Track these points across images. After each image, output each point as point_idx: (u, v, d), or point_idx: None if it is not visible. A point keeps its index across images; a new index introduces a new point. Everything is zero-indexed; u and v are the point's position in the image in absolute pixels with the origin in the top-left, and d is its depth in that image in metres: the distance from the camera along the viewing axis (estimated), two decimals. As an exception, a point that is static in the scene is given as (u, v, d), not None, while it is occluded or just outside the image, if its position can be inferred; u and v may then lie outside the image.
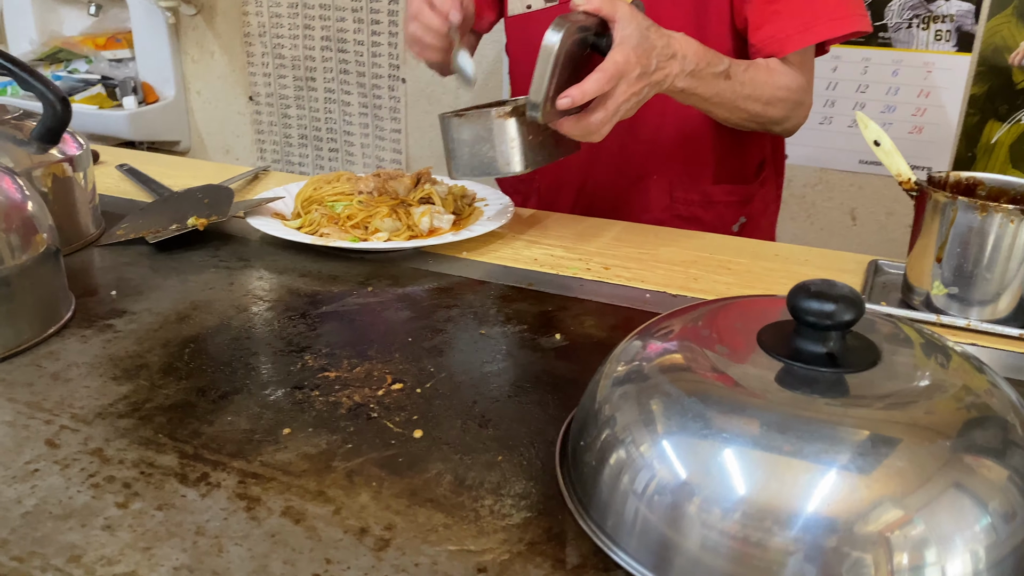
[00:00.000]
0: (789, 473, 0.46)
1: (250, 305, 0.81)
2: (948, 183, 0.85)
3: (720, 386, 0.51)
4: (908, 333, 0.57)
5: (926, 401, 0.50)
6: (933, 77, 1.76)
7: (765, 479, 0.47)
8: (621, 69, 0.83)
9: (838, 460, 0.46)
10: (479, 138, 0.89)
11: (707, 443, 0.48)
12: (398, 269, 0.92)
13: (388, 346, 0.73)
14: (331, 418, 0.62)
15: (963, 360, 0.54)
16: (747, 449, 0.47)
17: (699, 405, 0.49)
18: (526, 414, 0.63)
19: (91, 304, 0.81)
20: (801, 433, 0.47)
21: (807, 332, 0.51)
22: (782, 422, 0.48)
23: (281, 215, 1.04)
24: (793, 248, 1.01)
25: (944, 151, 1.79)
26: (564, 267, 0.94)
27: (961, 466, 0.47)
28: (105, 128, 2.54)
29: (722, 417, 0.49)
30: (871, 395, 0.50)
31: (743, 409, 0.49)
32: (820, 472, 0.46)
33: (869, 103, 1.82)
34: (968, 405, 0.51)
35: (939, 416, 0.49)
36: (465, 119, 0.89)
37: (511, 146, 0.88)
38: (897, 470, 0.46)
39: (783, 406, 0.49)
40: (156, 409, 0.63)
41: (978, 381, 0.53)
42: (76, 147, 0.98)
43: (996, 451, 0.48)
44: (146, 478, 0.55)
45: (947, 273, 0.79)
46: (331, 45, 2.40)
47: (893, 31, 1.76)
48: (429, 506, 0.52)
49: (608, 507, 0.51)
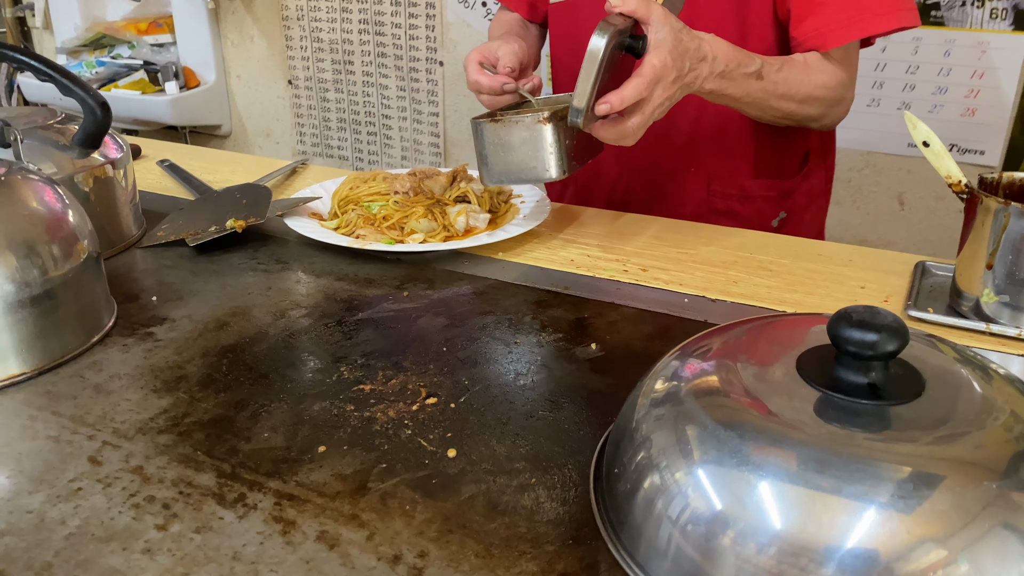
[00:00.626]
0: (827, 510, 0.45)
1: (287, 311, 0.82)
2: (1001, 184, 0.82)
3: (758, 416, 0.50)
4: (952, 357, 0.55)
5: (971, 434, 0.48)
6: (988, 57, 1.69)
7: (802, 515, 0.46)
8: (659, 74, 0.81)
9: (878, 498, 0.45)
10: (516, 144, 0.87)
11: (743, 475, 0.48)
12: (434, 272, 0.92)
13: (423, 356, 0.73)
14: (366, 435, 0.62)
15: (1009, 385, 0.53)
16: (784, 483, 0.46)
17: (735, 435, 0.48)
18: (560, 432, 0.63)
19: (133, 310, 0.82)
20: (840, 469, 0.46)
21: (848, 362, 0.50)
22: (821, 457, 0.47)
23: (318, 215, 1.05)
24: (837, 247, 0.99)
25: (998, 135, 1.73)
26: (601, 269, 0.93)
27: (1007, 504, 0.46)
28: (147, 113, 2.58)
29: (759, 449, 0.48)
30: (914, 428, 0.48)
31: (781, 442, 0.48)
32: (859, 510, 0.45)
33: (919, 84, 1.77)
34: (1014, 436, 0.49)
35: (984, 450, 0.47)
36: (502, 124, 0.88)
37: (549, 152, 0.87)
38: (940, 509, 0.45)
39: (822, 440, 0.48)
40: (195, 424, 0.64)
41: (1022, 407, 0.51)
42: (117, 149, 0.99)
43: (1046, 487, 0.47)
44: (185, 498, 0.56)
45: (998, 280, 0.77)
46: (368, 28, 2.39)
47: (946, 9, 1.70)
48: (462, 533, 0.52)
49: (640, 534, 0.50)
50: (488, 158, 0.89)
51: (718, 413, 0.50)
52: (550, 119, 0.86)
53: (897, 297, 0.85)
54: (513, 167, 0.88)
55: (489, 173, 0.91)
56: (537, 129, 0.86)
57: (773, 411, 0.50)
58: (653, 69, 0.81)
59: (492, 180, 0.91)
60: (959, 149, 1.76)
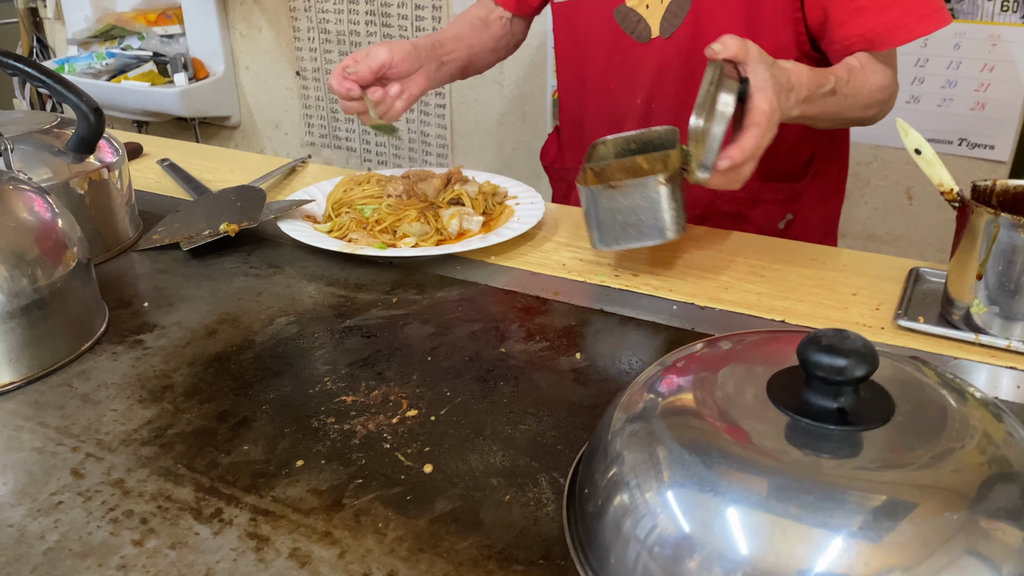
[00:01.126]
0: (793, 537, 0.45)
1: (276, 319, 0.82)
2: (994, 192, 0.81)
3: (726, 440, 0.50)
4: (925, 379, 0.54)
5: (939, 461, 0.48)
6: (998, 50, 1.67)
7: (768, 542, 0.46)
8: (770, 118, 0.80)
9: (844, 526, 0.45)
10: (634, 208, 0.83)
11: (710, 499, 0.48)
12: (424, 276, 0.92)
13: (407, 366, 0.74)
14: (344, 449, 0.62)
15: (982, 409, 0.52)
16: (750, 509, 0.46)
17: (702, 459, 0.48)
18: (538, 446, 0.63)
19: (124, 316, 0.83)
20: (807, 496, 0.46)
21: (817, 386, 0.50)
22: (788, 483, 0.47)
23: (313, 217, 1.05)
24: (832, 251, 0.98)
25: (1009, 129, 1.70)
26: (592, 274, 0.93)
27: (974, 531, 0.45)
28: (157, 105, 2.59)
29: (726, 474, 0.48)
30: (883, 454, 0.48)
31: (748, 467, 0.48)
32: (825, 538, 0.45)
33: (928, 78, 1.74)
34: (984, 462, 0.49)
35: (952, 477, 0.47)
36: (619, 190, 0.83)
37: (669, 212, 0.83)
38: (907, 537, 0.45)
39: (788, 466, 0.48)
40: (177, 436, 0.64)
41: (996, 432, 0.50)
42: (112, 152, 1.00)
43: (1012, 511, 0.47)
44: (163, 513, 0.56)
45: (988, 290, 0.76)
46: (375, 20, 2.39)
47: (956, 1, 1.67)
48: (432, 552, 0.52)
49: (608, 555, 0.51)
50: (603, 223, 0.85)
51: (686, 435, 0.50)
52: (669, 180, 0.83)
53: (889, 305, 0.85)
54: (631, 231, 0.84)
55: (604, 239, 0.86)
56: (657, 191, 0.82)
57: (741, 435, 0.50)
58: (765, 115, 0.79)
59: (606, 245, 0.87)
60: (968, 144, 1.74)
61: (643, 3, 1.09)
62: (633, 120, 1.16)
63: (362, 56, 1.05)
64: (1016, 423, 0.52)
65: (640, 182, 0.83)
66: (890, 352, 0.57)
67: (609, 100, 1.18)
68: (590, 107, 1.21)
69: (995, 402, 0.54)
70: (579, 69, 1.20)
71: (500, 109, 2.34)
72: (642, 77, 1.13)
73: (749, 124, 0.80)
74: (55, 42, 3.04)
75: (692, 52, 1.08)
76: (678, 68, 1.10)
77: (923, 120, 1.76)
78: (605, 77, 1.17)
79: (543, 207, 1.06)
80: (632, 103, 1.15)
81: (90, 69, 2.68)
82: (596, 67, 1.17)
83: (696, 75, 1.10)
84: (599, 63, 1.17)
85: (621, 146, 0.98)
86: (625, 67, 1.14)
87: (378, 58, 1.04)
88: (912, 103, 1.76)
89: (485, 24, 1.25)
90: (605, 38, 1.14)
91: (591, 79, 1.19)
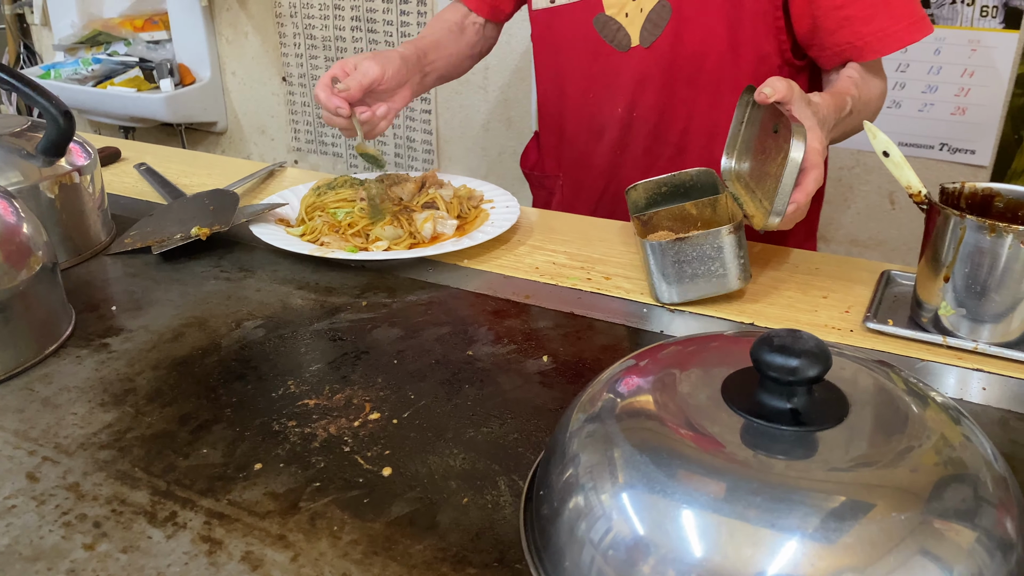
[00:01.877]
0: (746, 539, 0.45)
1: (243, 322, 0.82)
2: (963, 195, 0.81)
3: (680, 441, 0.49)
4: (882, 380, 0.54)
5: (893, 462, 0.48)
6: (978, 55, 1.67)
7: (721, 544, 0.46)
8: (821, 155, 0.80)
9: (796, 527, 0.44)
10: (705, 257, 0.82)
11: (663, 501, 0.47)
12: (396, 280, 0.92)
13: (372, 369, 0.73)
14: (303, 452, 0.62)
15: (938, 411, 0.52)
16: (704, 512, 0.46)
17: (656, 461, 0.48)
18: (500, 449, 0.63)
19: (91, 320, 0.83)
20: (759, 497, 0.46)
21: (771, 386, 0.50)
22: (741, 485, 0.46)
23: (286, 221, 1.05)
24: (804, 255, 0.98)
25: (989, 134, 1.71)
26: (564, 277, 0.93)
27: (927, 531, 0.45)
28: (143, 111, 2.58)
29: (679, 476, 0.47)
30: (835, 455, 0.48)
31: (701, 469, 0.48)
32: (778, 540, 0.45)
33: (909, 83, 1.75)
34: (937, 463, 0.49)
35: (906, 477, 0.47)
36: (688, 243, 0.81)
37: (737, 262, 0.82)
38: (859, 538, 0.44)
39: (740, 467, 0.47)
40: (136, 440, 0.64)
41: (951, 433, 0.50)
42: (84, 156, 0.99)
43: (964, 512, 0.47)
44: (116, 516, 0.56)
45: (956, 293, 0.76)
46: (361, 25, 2.39)
47: (935, 7, 1.68)
48: (386, 555, 0.52)
49: (563, 557, 0.50)
50: (669, 276, 0.83)
51: (640, 437, 0.50)
52: (736, 230, 0.81)
53: (859, 308, 0.85)
54: (700, 282, 0.83)
55: (670, 292, 0.84)
56: (726, 240, 0.81)
57: (695, 437, 0.50)
58: (819, 154, 0.80)
59: (675, 298, 0.85)
60: (949, 148, 1.75)
61: (622, 11, 1.09)
62: (614, 128, 1.16)
63: (351, 69, 1.03)
64: (972, 424, 0.52)
65: (710, 234, 0.81)
66: (849, 354, 0.57)
67: (589, 108, 1.18)
68: (570, 114, 1.21)
69: (953, 404, 0.54)
70: (558, 77, 1.20)
71: (485, 114, 2.34)
72: (622, 86, 1.13)
73: (807, 166, 0.79)
74: (42, 48, 3.03)
75: (673, 61, 1.09)
76: (659, 77, 1.10)
77: (904, 125, 1.77)
78: (585, 85, 1.17)
79: (518, 211, 1.05)
80: (613, 111, 1.15)
81: (76, 75, 2.67)
82: (576, 75, 1.17)
83: (677, 84, 1.10)
84: (579, 71, 1.17)
85: (652, 190, 0.96)
86: (605, 76, 1.14)
87: (369, 75, 1.02)
88: (893, 108, 1.77)
89: (461, 30, 1.25)
90: (585, 46, 1.14)
91: (570, 87, 1.19)
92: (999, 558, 0.46)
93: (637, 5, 1.08)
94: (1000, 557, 0.46)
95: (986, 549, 0.46)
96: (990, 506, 0.48)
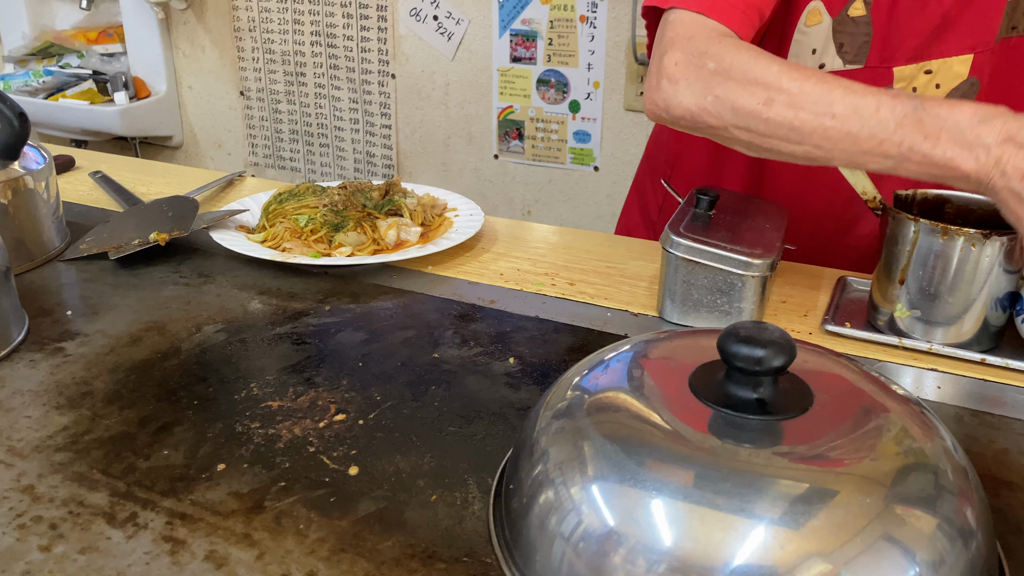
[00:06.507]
0: (715, 526, 0.46)
1: (203, 326, 0.81)
2: (915, 200, 0.84)
3: (650, 432, 0.50)
4: (844, 372, 0.55)
5: (855, 450, 0.49)
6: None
7: (691, 531, 0.46)
8: None
9: (763, 514, 0.45)
10: (716, 290, 0.81)
11: (633, 492, 0.48)
12: (359, 285, 0.91)
13: (337, 372, 0.72)
14: (268, 453, 0.61)
15: (898, 402, 0.53)
16: (674, 500, 0.47)
17: (625, 452, 0.48)
18: (468, 447, 0.62)
19: (45, 325, 0.80)
20: (728, 485, 0.46)
21: (737, 377, 0.50)
22: (709, 473, 0.47)
23: (247, 228, 1.03)
24: (763, 262, 0.99)
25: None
26: (529, 283, 0.93)
27: (890, 517, 0.46)
28: (96, 124, 2.54)
29: (648, 466, 0.48)
30: (801, 443, 0.49)
31: (669, 458, 0.48)
32: (746, 526, 0.45)
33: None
34: (899, 452, 0.50)
35: (868, 465, 0.48)
36: (704, 269, 0.81)
37: (751, 305, 0.81)
38: (824, 523, 0.45)
39: (711, 456, 0.48)
40: (94, 442, 0.62)
41: (912, 424, 0.52)
42: (38, 161, 0.97)
43: (926, 500, 0.48)
44: (74, 518, 0.54)
45: (910, 295, 0.78)
46: (321, 40, 2.38)
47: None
48: (354, 552, 0.51)
49: (533, 551, 0.50)
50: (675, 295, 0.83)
51: (609, 429, 0.50)
52: (761, 277, 0.80)
53: (817, 312, 0.86)
54: (703, 312, 0.83)
55: (672, 310, 0.83)
56: (742, 281, 0.80)
57: (664, 427, 0.50)
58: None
59: (674, 317, 0.84)
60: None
61: (911, 86, 0.95)
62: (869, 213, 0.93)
63: None
64: (933, 416, 0.54)
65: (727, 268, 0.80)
66: (813, 347, 0.58)
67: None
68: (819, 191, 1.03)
69: (913, 396, 0.55)
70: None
71: (446, 130, 2.35)
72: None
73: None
74: (-9, 59, 2.97)
75: None
76: None
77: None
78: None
79: (482, 219, 1.06)
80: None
81: (27, 87, 2.62)
82: None
83: None
84: None
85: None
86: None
87: None
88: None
89: None
90: None
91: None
92: (959, 544, 0.47)
93: (931, 80, 0.94)
94: (961, 544, 0.47)
95: (947, 536, 0.47)
96: (951, 494, 0.49)
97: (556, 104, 2.22)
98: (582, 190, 2.31)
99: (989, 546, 0.49)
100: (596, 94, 2.18)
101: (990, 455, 0.64)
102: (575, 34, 2.12)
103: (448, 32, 2.23)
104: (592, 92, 2.18)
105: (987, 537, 0.49)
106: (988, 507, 0.50)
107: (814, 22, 0.92)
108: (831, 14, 0.91)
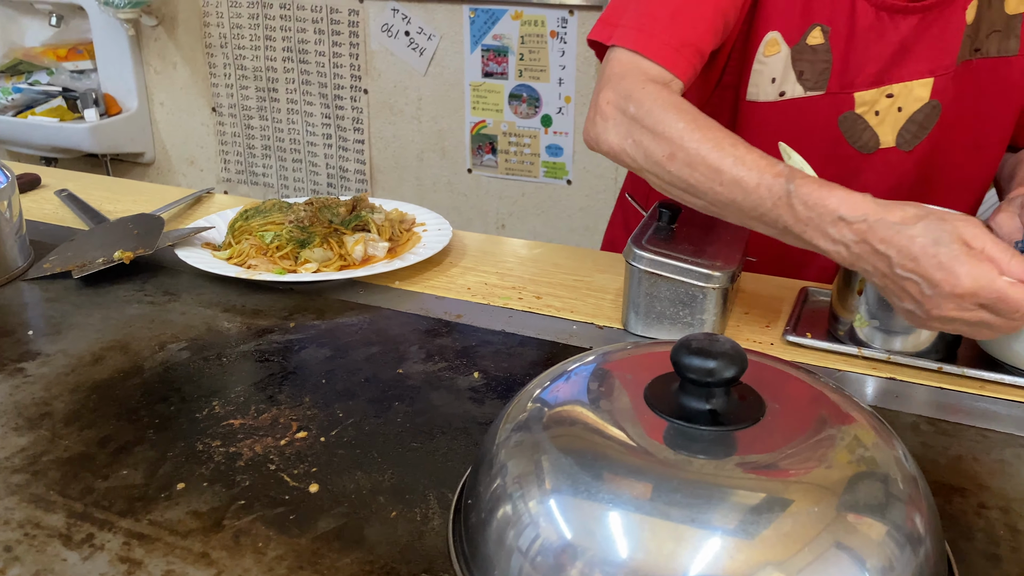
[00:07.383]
0: (669, 537, 0.46)
1: (167, 344, 0.80)
2: (872, 212, 0.85)
3: (605, 445, 0.50)
4: (797, 382, 0.56)
5: (807, 459, 0.49)
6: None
7: (645, 543, 0.47)
8: None
9: (717, 524, 0.46)
10: (678, 302, 0.82)
11: (588, 505, 0.48)
12: (325, 302, 0.91)
13: (300, 389, 0.72)
14: (228, 471, 0.61)
15: (850, 411, 0.54)
16: (628, 512, 0.47)
17: (581, 465, 0.49)
18: (429, 463, 0.62)
19: (5, 345, 0.80)
20: (681, 496, 0.47)
21: (690, 388, 0.51)
22: (663, 485, 0.47)
23: (212, 245, 1.03)
24: (728, 274, 1.00)
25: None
26: (496, 297, 0.93)
27: (840, 525, 0.47)
28: (66, 141, 2.52)
29: (602, 479, 0.48)
30: (754, 453, 0.49)
31: (622, 470, 0.48)
32: (700, 537, 0.46)
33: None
34: (851, 460, 0.51)
35: (819, 474, 0.49)
36: (667, 281, 0.82)
37: (711, 318, 0.82)
38: (776, 532, 0.46)
39: (665, 467, 0.48)
40: (52, 463, 0.62)
41: (863, 433, 0.52)
42: (0, 179, 0.96)
43: (876, 508, 0.48)
44: (29, 540, 0.54)
45: (869, 305, 0.79)
46: (292, 56, 2.39)
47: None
48: (312, 570, 0.51)
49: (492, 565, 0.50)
50: (639, 307, 0.83)
51: (566, 442, 0.51)
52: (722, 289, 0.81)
53: (779, 322, 0.87)
54: (666, 324, 0.83)
55: (636, 322, 0.85)
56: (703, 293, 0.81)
57: (619, 440, 0.51)
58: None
59: (638, 330, 0.85)
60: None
61: (872, 110, 0.96)
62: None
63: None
64: (884, 425, 0.55)
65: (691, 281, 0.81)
66: (768, 358, 0.59)
67: None
68: None
69: (867, 406, 0.56)
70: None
71: (419, 144, 2.36)
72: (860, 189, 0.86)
73: None
74: (-41, 77, 2.94)
75: (932, 163, 0.99)
76: (912, 180, 1.00)
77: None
78: None
79: (450, 233, 1.06)
80: None
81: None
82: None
83: (929, 186, 0.99)
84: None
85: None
86: (840, 178, 0.86)
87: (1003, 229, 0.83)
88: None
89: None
90: (822, 145, 0.97)
91: None
92: (908, 551, 0.48)
93: (893, 103, 0.95)
94: (909, 550, 0.48)
95: (896, 543, 0.48)
96: (900, 502, 0.50)
97: (528, 118, 2.24)
98: (555, 203, 2.32)
99: (938, 551, 0.50)
100: (568, 108, 2.20)
101: (944, 462, 0.65)
102: (545, 49, 2.14)
103: (420, 47, 2.24)
104: (564, 106, 2.20)
105: (936, 543, 0.50)
106: (937, 514, 0.51)
107: (772, 52, 0.93)
108: (789, 44, 0.93)
